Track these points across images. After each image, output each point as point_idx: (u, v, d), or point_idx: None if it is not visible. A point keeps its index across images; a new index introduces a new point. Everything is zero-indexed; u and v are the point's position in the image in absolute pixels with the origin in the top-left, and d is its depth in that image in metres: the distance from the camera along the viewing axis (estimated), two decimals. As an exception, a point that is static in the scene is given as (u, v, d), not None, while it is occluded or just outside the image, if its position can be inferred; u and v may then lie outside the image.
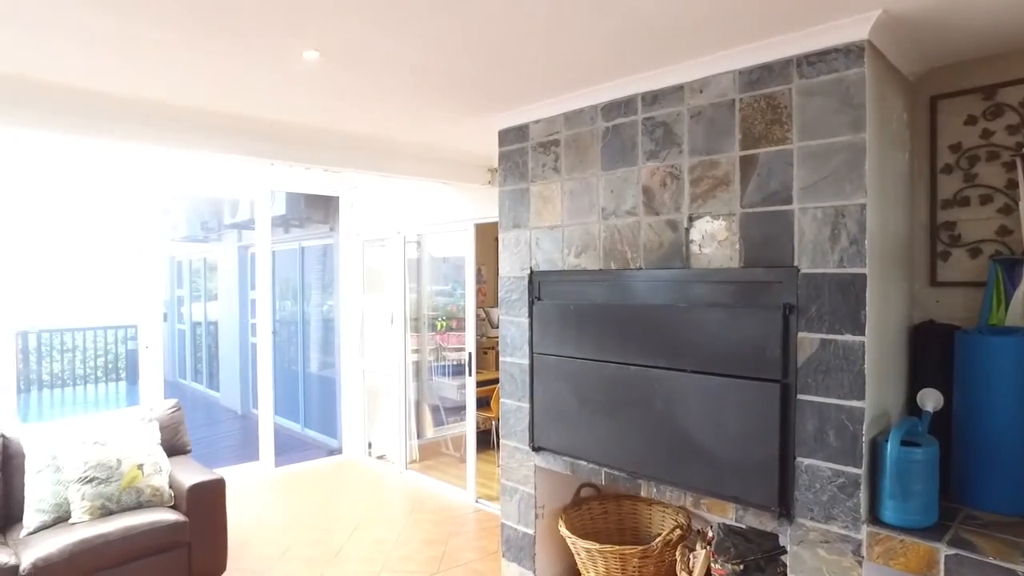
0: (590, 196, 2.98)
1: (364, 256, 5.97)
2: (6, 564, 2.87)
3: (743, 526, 2.60)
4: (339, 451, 6.15)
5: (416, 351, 5.64)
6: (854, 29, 2.14)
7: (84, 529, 3.15)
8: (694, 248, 2.61)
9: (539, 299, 3.21)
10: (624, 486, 2.88)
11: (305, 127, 3.68)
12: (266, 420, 5.57)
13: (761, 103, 2.39)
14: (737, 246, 2.47)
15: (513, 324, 3.35)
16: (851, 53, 2.17)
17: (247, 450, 5.97)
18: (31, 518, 3.22)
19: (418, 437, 5.66)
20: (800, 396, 2.30)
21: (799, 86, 2.30)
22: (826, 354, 2.23)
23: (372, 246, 5.96)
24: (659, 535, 3.21)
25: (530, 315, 3.24)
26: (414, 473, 5.48)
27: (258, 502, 4.92)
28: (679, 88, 2.64)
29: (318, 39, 2.32)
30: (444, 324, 5.49)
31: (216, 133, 3.68)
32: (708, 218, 2.56)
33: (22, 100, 2.99)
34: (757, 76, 2.40)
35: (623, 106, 2.85)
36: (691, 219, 2.61)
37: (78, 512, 3.26)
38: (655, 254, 2.74)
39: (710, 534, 2.98)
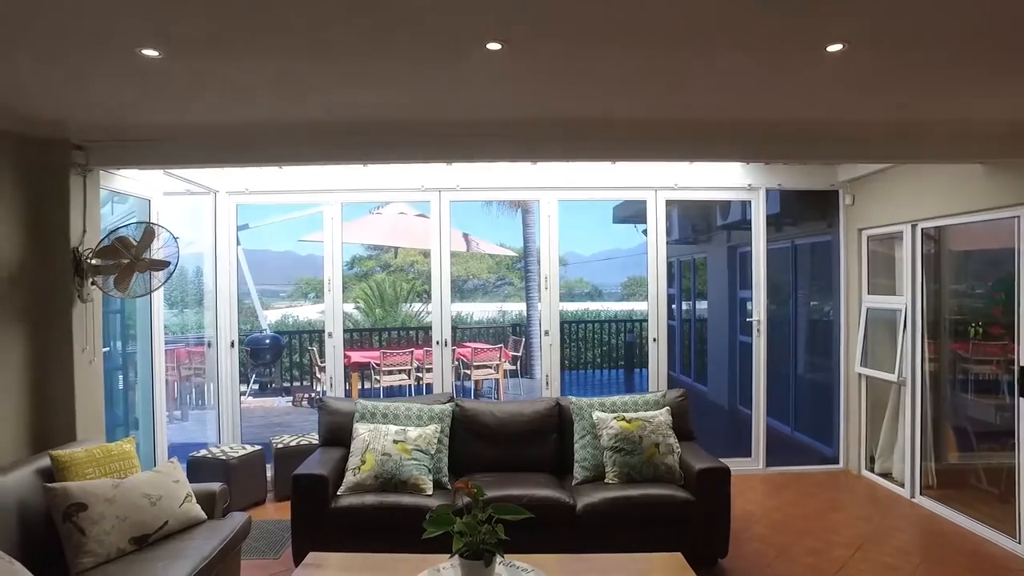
0: None
1: (867, 253, 5.48)
2: (568, 502, 3.68)
3: None
4: (834, 460, 5.79)
5: (933, 360, 4.87)
6: None
7: (614, 489, 3.76)
8: None
9: None
10: None
11: (804, 122, 3.60)
12: (759, 419, 5.62)
13: None
14: None
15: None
16: None
17: (735, 445, 6.13)
18: (578, 472, 3.99)
19: (935, 460, 4.86)
20: None
21: None
22: None
23: (877, 242, 5.42)
24: None
25: None
26: (929, 501, 4.76)
27: (751, 497, 4.99)
28: None
29: (848, 29, 2.23)
30: (978, 331, 4.57)
31: (720, 140, 3.90)
32: None
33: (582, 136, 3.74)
34: None
35: None
36: None
37: (610, 475, 3.89)
38: None
39: None
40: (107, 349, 4.26)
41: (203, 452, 4.87)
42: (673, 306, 11.51)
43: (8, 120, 3.32)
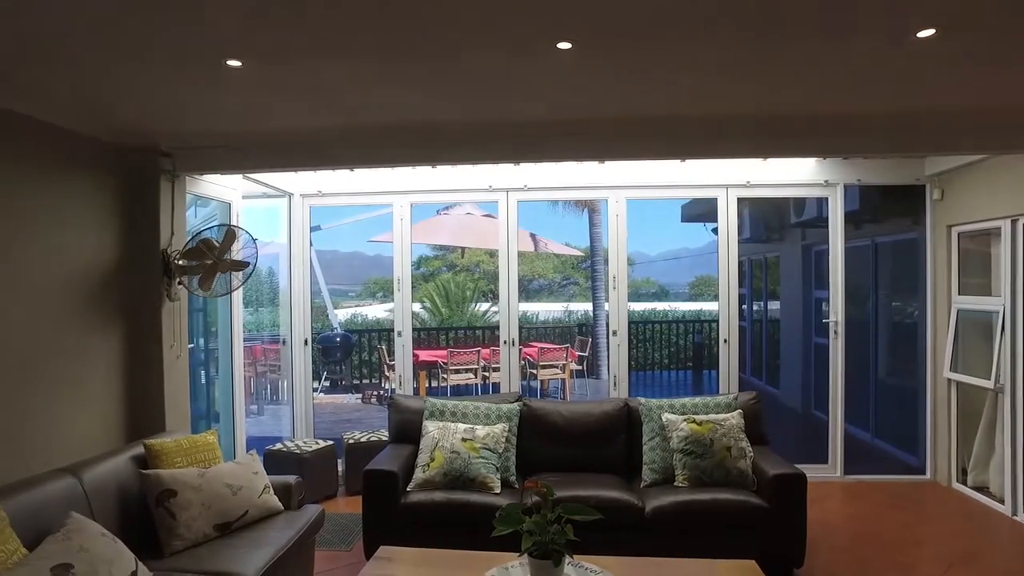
0: None
1: (957, 251, 5.16)
2: (637, 504, 3.62)
3: None
4: (919, 471, 5.48)
5: (1035, 366, 4.54)
6: None
7: (684, 493, 3.67)
8: None
9: None
10: None
11: (892, 114, 3.42)
12: (836, 424, 5.39)
13: None
14: None
15: None
16: None
17: (809, 451, 5.88)
18: (646, 475, 3.92)
19: (1039, 474, 4.55)
20: None
21: None
22: None
23: (969, 238, 5.10)
24: None
25: None
26: (1032, 518, 4.44)
27: (827, 506, 4.78)
28: None
29: (939, 12, 2.11)
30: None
31: (799, 135, 3.77)
32: None
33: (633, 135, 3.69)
34: None
35: None
36: None
37: (679, 478, 3.80)
38: None
39: None
40: (191, 346, 4.48)
41: (279, 446, 5.05)
42: (743, 306, 11.19)
43: (107, 131, 3.55)
